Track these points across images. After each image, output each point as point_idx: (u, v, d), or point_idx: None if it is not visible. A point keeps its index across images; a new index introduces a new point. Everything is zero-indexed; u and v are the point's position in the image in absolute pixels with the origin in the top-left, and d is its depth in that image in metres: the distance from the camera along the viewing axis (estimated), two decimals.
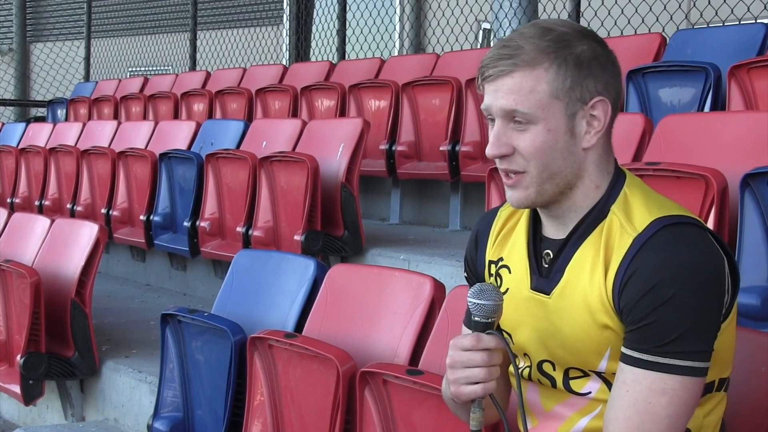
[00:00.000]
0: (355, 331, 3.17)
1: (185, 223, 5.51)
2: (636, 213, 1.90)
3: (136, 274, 6.52)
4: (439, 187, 5.90)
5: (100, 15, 12.53)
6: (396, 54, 9.45)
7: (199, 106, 7.78)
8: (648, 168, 3.30)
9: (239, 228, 5.13)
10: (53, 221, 5.04)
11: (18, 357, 4.35)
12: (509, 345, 1.99)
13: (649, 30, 6.09)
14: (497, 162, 1.94)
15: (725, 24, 5.78)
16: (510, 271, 2.03)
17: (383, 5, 9.24)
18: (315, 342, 3.09)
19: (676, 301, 1.81)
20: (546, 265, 1.98)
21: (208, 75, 8.74)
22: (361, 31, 8.92)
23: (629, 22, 6.34)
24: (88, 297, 4.50)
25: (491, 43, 7.77)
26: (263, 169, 5.02)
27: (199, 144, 6.32)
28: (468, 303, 1.93)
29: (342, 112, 6.38)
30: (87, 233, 4.62)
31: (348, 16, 8.84)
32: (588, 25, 5.06)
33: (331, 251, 4.87)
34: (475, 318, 1.92)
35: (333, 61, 8.02)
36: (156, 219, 5.82)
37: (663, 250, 1.83)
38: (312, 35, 9.62)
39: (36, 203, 6.95)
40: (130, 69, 12.11)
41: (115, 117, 8.56)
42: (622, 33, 6.22)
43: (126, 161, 6.18)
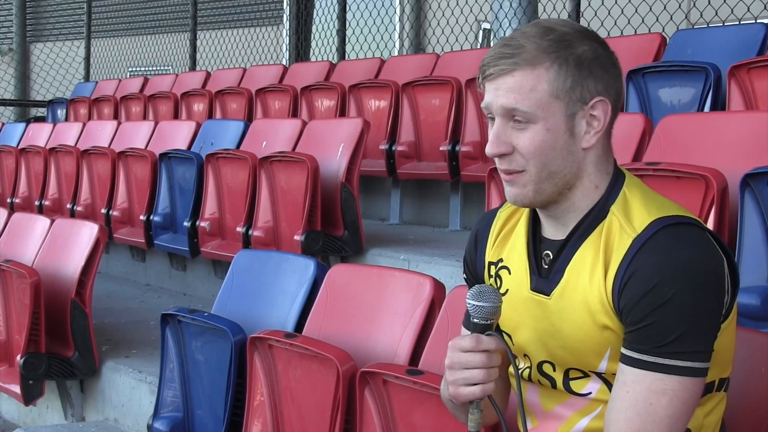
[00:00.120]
0: (355, 331, 3.17)
1: (185, 223, 5.51)
2: (635, 213, 1.90)
3: (136, 274, 6.52)
4: (439, 187, 5.90)
5: (100, 15, 12.53)
6: (396, 54, 9.45)
7: (199, 106, 7.77)
8: (648, 168, 3.30)
9: (239, 228, 5.13)
10: (53, 221, 5.04)
11: (18, 357, 4.35)
12: (509, 346, 1.99)
13: (649, 30, 6.08)
14: (497, 161, 1.94)
15: (725, 24, 5.78)
16: (510, 272, 2.03)
17: (383, 5, 9.23)
18: (315, 342, 3.09)
19: (675, 302, 1.81)
20: (546, 266, 1.98)
21: (208, 75, 8.74)
22: (361, 31, 8.91)
23: (629, 22, 6.34)
24: (88, 297, 4.50)
25: (491, 43, 7.77)
26: (263, 169, 5.02)
27: (199, 144, 6.32)
28: (467, 305, 1.93)
29: (342, 112, 6.38)
30: (87, 233, 4.62)
31: (348, 16, 8.84)
32: (588, 25, 5.06)
33: (331, 251, 4.87)
34: (474, 320, 1.92)
35: (333, 61, 8.01)
36: (156, 219, 5.82)
37: (662, 250, 1.83)
38: (312, 35, 9.62)
39: (36, 203, 6.95)
40: (130, 69, 12.11)
41: (115, 117, 8.56)
42: (622, 33, 6.22)
43: (126, 161, 6.18)
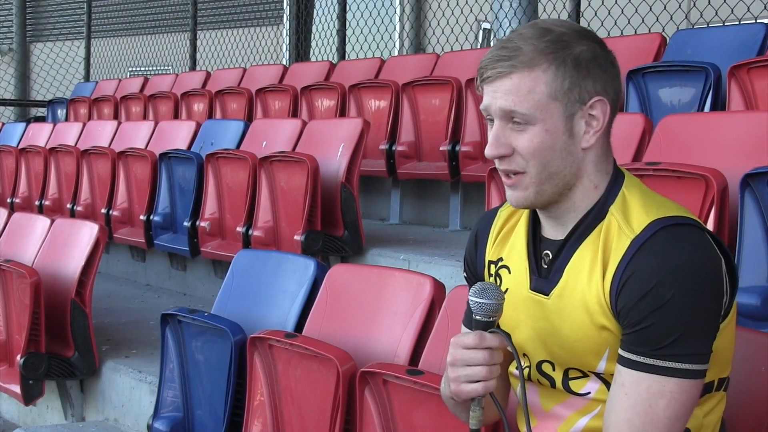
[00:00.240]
0: (355, 331, 3.17)
1: (185, 223, 5.51)
2: (634, 214, 1.90)
3: (136, 274, 6.52)
4: (439, 187, 5.90)
5: (100, 15, 12.53)
6: (396, 54, 9.44)
7: (199, 106, 7.77)
8: (648, 168, 3.29)
9: (239, 228, 5.13)
10: (53, 221, 5.04)
11: (18, 357, 4.35)
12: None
13: (649, 30, 6.08)
14: (497, 162, 1.94)
15: (725, 24, 5.78)
16: (509, 272, 2.03)
17: (383, 5, 9.23)
18: (315, 342, 3.09)
19: (674, 304, 1.80)
20: (545, 266, 1.98)
21: (208, 75, 8.74)
22: (361, 31, 8.91)
23: (629, 22, 6.34)
24: (88, 297, 4.50)
25: (491, 43, 7.77)
26: (263, 169, 5.02)
27: (199, 144, 6.32)
28: (469, 302, 1.93)
29: (342, 112, 6.38)
30: (87, 233, 4.62)
31: (348, 16, 8.84)
32: (588, 25, 5.08)
33: (331, 251, 4.87)
34: (477, 317, 1.92)
35: (333, 61, 8.01)
36: (156, 219, 5.82)
37: (661, 252, 1.83)
38: (312, 35, 9.62)
39: (36, 203, 6.95)
40: (130, 69, 12.11)
41: (115, 117, 8.56)
42: (622, 33, 6.22)
43: (126, 161, 6.18)
